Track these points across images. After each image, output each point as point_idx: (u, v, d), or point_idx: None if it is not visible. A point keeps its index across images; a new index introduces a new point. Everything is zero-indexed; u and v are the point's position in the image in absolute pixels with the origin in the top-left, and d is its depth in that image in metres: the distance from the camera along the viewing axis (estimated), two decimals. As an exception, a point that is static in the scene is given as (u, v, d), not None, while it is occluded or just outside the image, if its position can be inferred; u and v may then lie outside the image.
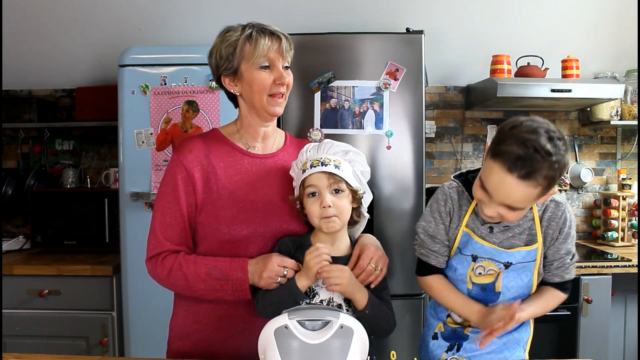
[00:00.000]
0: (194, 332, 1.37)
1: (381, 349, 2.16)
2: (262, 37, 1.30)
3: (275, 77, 1.32)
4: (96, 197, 2.62)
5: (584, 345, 2.39)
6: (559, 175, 1.11)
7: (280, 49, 1.32)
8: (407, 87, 2.24)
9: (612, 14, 2.76)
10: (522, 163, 1.07)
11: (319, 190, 1.26)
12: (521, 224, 1.26)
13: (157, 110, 2.33)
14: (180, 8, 2.74)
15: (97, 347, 2.40)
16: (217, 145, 1.39)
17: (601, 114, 2.83)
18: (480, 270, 1.27)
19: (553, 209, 1.26)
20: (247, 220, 1.32)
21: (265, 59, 1.31)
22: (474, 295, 1.29)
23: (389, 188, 2.24)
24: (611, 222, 2.84)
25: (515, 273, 1.26)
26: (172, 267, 1.29)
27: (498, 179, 1.11)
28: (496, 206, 1.15)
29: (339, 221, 1.27)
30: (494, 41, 2.78)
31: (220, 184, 1.34)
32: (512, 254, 1.25)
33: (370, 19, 2.71)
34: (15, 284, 2.39)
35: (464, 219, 1.28)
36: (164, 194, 1.34)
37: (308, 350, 0.97)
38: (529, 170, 1.07)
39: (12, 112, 2.85)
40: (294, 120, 2.26)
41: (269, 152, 1.43)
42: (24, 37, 2.82)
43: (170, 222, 1.32)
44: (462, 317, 1.32)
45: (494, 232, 1.26)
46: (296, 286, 1.23)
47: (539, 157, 1.06)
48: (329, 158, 1.28)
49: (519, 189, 1.09)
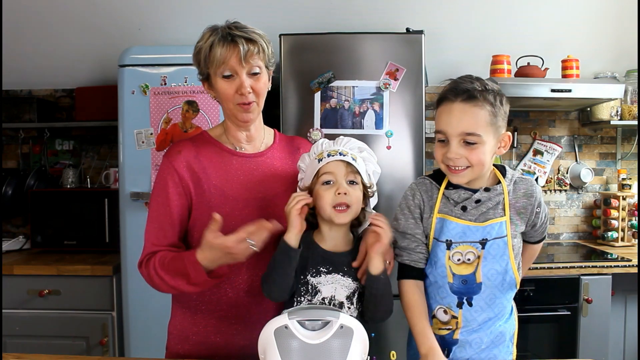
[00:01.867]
0: (192, 335, 1.37)
1: (381, 349, 2.17)
2: (219, 45, 1.28)
3: (236, 86, 1.30)
4: (96, 197, 2.62)
5: (584, 345, 2.39)
6: (501, 102, 1.23)
7: (239, 57, 1.27)
8: (407, 87, 2.24)
9: (612, 14, 2.76)
10: (460, 88, 1.22)
11: (335, 178, 1.26)
12: (492, 197, 1.29)
13: (157, 110, 2.33)
14: (180, 8, 2.74)
15: (97, 347, 2.40)
16: (206, 146, 1.39)
17: (601, 114, 2.83)
18: (457, 256, 1.28)
19: (525, 184, 1.32)
20: (241, 218, 1.32)
21: (226, 68, 1.29)
22: (456, 289, 1.29)
23: (389, 188, 2.24)
24: (611, 222, 2.84)
25: (493, 259, 1.27)
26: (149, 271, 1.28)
27: (447, 113, 1.23)
28: (457, 146, 1.22)
29: (349, 214, 1.26)
30: (494, 41, 2.78)
31: (211, 183, 1.34)
32: (485, 228, 1.27)
33: (370, 19, 2.71)
34: (15, 284, 2.39)
35: (435, 206, 1.31)
36: (155, 197, 1.34)
37: (308, 350, 0.98)
38: (469, 92, 1.21)
39: (12, 112, 2.85)
40: (294, 120, 2.26)
41: (257, 151, 1.43)
42: (24, 37, 2.82)
43: (161, 225, 1.32)
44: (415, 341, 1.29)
45: (468, 210, 1.28)
46: (285, 244, 1.21)
47: (472, 80, 1.24)
48: (346, 150, 1.29)
49: (467, 112, 1.21)
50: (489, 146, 1.24)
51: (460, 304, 1.30)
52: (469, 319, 1.30)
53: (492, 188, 1.30)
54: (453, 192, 1.31)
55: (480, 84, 1.23)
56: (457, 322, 1.30)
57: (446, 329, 1.32)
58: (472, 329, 1.30)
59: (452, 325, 1.31)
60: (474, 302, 1.29)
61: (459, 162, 1.23)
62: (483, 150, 1.23)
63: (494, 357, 1.31)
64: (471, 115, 1.21)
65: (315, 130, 2.25)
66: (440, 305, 1.33)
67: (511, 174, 1.34)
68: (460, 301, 1.30)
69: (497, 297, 1.29)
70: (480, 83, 1.23)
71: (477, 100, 1.21)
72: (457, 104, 1.22)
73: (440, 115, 1.26)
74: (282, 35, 2.25)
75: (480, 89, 1.22)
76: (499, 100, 1.23)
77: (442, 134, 1.25)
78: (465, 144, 1.22)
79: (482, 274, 1.27)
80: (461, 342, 1.30)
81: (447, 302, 1.31)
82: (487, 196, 1.29)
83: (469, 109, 1.21)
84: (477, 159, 1.23)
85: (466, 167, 1.24)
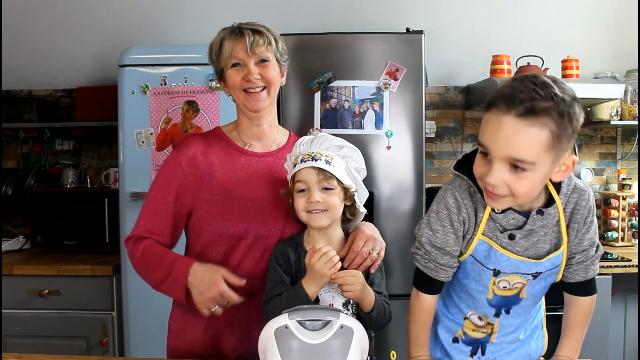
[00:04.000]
0: (191, 331, 1.38)
1: (381, 349, 2.17)
2: (228, 39, 1.33)
3: (244, 73, 1.33)
4: (96, 197, 2.62)
5: (584, 345, 2.37)
6: (570, 119, 0.93)
7: (245, 46, 1.31)
8: (407, 87, 2.24)
9: (612, 14, 2.77)
10: (519, 98, 0.92)
11: (308, 186, 1.24)
12: (545, 224, 1.08)
13: (157, 110, 2.33)
14: (180, 8, 2.74)
15: (97, 347, 2.40)
16: (216, 142, 1.40)
17: (601, 114, 2.83)
18: (504, 284, 1.14)
19: (577, 199, 1.09)
20: (240, 217, 1.33)
21: (234, 59, 1.33)
22: (495, 303, 1.17)
23: (388, 188, 2.24)
24: (611, 222, 2.84)
25: (541, 281, 1.16)
26: (136, 251, 1.32)
27: (495, 125, 0.95)
28: (500, 169, 0.96)
29: (327, 216, 1.24)
30: (494, 41, 2.78)
31: (215, 180, 1.34)
32: (541, 263, 1.10)
33: (370, 19, 2.71)
34: (15, 284, 2.39)
35: (480, 226, 1.11)
36: (156, 186, 1.37)
37: (308, 350, 0.97)
38: (529, 105, 0.91)
39: (12, 112, 2.84)
40: (294, 120, 2.26)
41: (267, 150, 1.42)
42: (24, 37, 2.82)
43: (156, 212, 1.35)
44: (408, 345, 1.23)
45: (516, 240, 1.08)
46: (306, 294, 1.18)
47: (537, 87, 0.92)
48: (320, 153, 1.23)
49: (520, 131, 0.92)
50: (541, 173, 0.97)
51: (497, 314, 1.20)
52: (505, 325, 1.22)
53: (545, 212, 1.08)
54: (501, 216, 1.09)
55: (546, 92, 0.92)
56: (493, 328, 1.22)
57: (481, 332, 1.23)
58: (508, 332, 1.23)
59: (487, 330, 1.23)
60: (512, 310, 1.19)
61: (499, 190, 0.98)
62: (533, 179, 0.97)
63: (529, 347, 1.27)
64: (526, 138, 0.93)
65: (315, 130, 2.24)
66: (475, 312, 1.22)
67: (567, 185, 1.09)
68: (498, 312, 1.20)
69: (535, 303, 1.23)
70: (546, 91, 0.92)
71: (537, 117, 0.92)
72: (509, 118, 0.93)
73: (486, 125, 0.98)
74: (282, 35, 2.24)
75: (545, 102, 0.92)
76: (567, 115, 0.93)
77: (484, 152, 0.99)
78: (512, 167, 0.96)
79: (526, 292, 1.16)
80: (497, 343, 1.25)
81: (482, 312, 1.21)
82: (540, 223, 1.08)
83: (524, 128, 0.92)
84: (524, 190, 0.98)
85: (507, 195, 1.00)
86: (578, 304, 1.20)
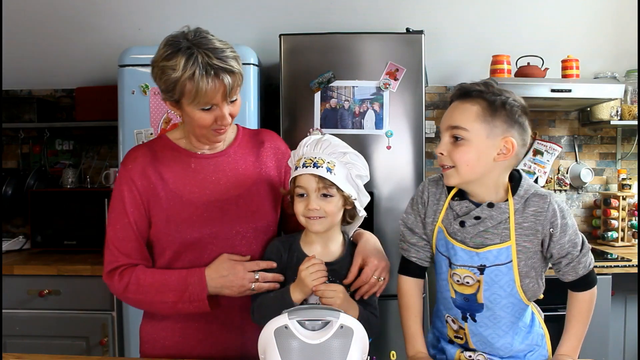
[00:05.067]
0: (163, 338, 1.35)
1: (381, 349, 2.17)
2: (204, 80, 1.18)
3: (216, 117, 1.25)
4: (96, 197, 2.62)
5: (584, 345, 2.36)
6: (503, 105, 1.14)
7: (225, 93, 1.21)
8: (407, 87, 2.24)
9: (612, 14, 2.76)
10: (464, 87, 1.19)
11: (307, 192, 1.23)
12: (493, 216, 1.17)
13: (157, 110, 2.33)
14: (181, 8, 2.74)
15: (97, 347, 2.40)
16: (164, 150, 1.34)
17: (601, 114, 2.83)
18: (457, 277, 1.21)
19: (537, 202, 1.17)
20: (200, 223, 1.29)
21: (207, 104, 1.22)
22: (459, 304, 1.24)
23: (388, 188, 2.24)
24: (611, 222, 2.84)
25: (495, 284, 1.19)
26: (129, 281, 1.26)
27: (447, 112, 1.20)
28: (444, 141, 1.17)
29: (325, 223, 1.24)
30: (494, 41, 2.78)
31: (169, 189, 1.30)
32: (483, 254, 1.18)
33: (370, 19, 2.71)
34: (15, 284, 2.39)
35: (440, 214, 1.24)
36: (113, 207, 1.31)
37: (308, 350, 0.97)
38: (466, 91, 1.17)
39: (12, 112, 2.84)
40: (294, 120, 2.26)
41: (218, 150, 1.37)
42: (24, 37, 2.82)
43: (122, 235, 1.29)
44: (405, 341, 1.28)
45: (465, 227, 1.19)
46: (290, 299, 1.20)
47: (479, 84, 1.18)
48: (322, 159, 1.22)
49: (458, 107, 1.17)
50: (478, 146, 1.14)
51: (464, 317, 1.24)
52: (476, 333, 1.24)
53: (496, 205, 1.17)
54: (456, 204, 1.22)
55: (485, 87, 1.16)
56: (466, 334, 1.26)
57: (459, 338, 1.28)
58: (481, 341, 1.25)
59: (462, 335, 1.27)
60: (478, 319, 1.22)
61: (444, 159, 1.17)
62: (468, 149, 1.14)
63: None
64: (462, 110, 1.16)
65: (315, 130, 2.24)
66: (449, 314, 1.28)
67: (525, 190, 1.19)
68: (464, 315, 1.24)
69: (503, 317, 1.22)
70: (485, 86, 1.17)
71: (471, 97, 1.16)
72: (455, 103, 1.19)
73: None
74: (282, 35, 2.25)
75: (481, 89, 1.16)
76: (501, 101, 1.14)
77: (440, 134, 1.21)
78: (453, 139, 1.16)
79: (483, 297, 1.20)
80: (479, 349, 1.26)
81: (452, 314, 1.27)
82: (488, 214, 1.17)
83: (461, 104, 1.17)
84: (463, 159, 1.14)
85: (450, 167, 1.17)
86: (576, 298, 1.24)
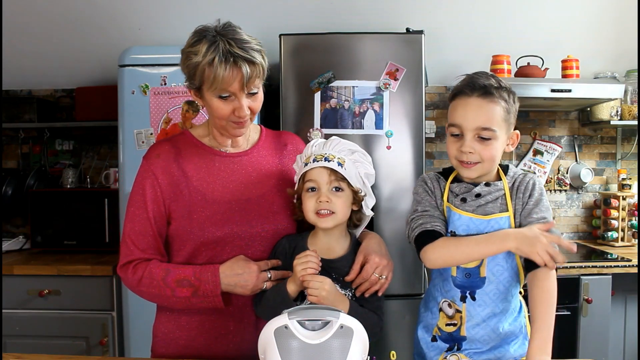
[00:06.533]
0: (178, 338, 1.35)
1: (381, 349, 2.17)
2: (222, 66, 1.19)
3: (234, 107, 1.25)
4: (96, 197, 2.62)
5: (584, 345, 2.39)
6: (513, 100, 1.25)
7: (242, 82, 1.21)
8: (407, 87, 2.24)
9: (612, 14, 2.76)
10: (478, 84, 1.24)
11: (318, 186, 1.24)
12: (492, 192, 1.28)
13: (157, 110, 2.33)
14: (181, 8, 2.74)
15: (97, 347, 2.40)
16: (187, 147, 1.35)
17: (601, 114, 2.83)
18: None
19: (521, 178, 1.30)
20: (223, 221, 1.29)
21: (225, 91, 1.22)
22: (459, 282, 1.28)
23: (388, 188, 2.24)
24: (611, 222, 2.84)
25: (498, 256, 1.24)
26: (143, 275, 1.27)
27: (463, 107, 1.24)
28: (471, 140, 1.22)
29: (334, 219, 1.25)
30: (494, 41, 2.78)
31: (192, 186, 1.30)
32: (489, 222, 1.25)
33: (370, 19, 2.71)
34: (15, 284, 2.39)
35: (443, 195, 1.31)
36: (133, 201, 1.31)
37: (308, 350, 0.97)
38: (486, 87, 1.23)
39: (12, 112, 2.85)
40: (294, 120, 2.26)
41: (241, 150, 1.39)
42: (24, 37, 2.82)
43: (139, 229, 1.29)
44: (497, 250, 1.21)
45: (467, 202, 1.28)
46: (286, 291, 1.22)
47: (489, 77, 1.26)
48: (333, 155, 1.25)
49: (483, 107, 1.22)
50: (501, 142, 1.25)
51: (463, 297, 1.28)
52: (473, 314, 1.28)
53: (492, 183, 1.29)
54: (455, 186, 1.31)
55: (496, 80, 1.25)
56: (462, 317, 1.29)
57: (452, 325, 1.31)
58: (476, 324, 1.28)
59: (457, 320, 1.30)
60: (477, 297, 1.27)
61: (472, 157, 1.24)
62: (496, 146, 1.24)
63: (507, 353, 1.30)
64: (487, 111, 1.22)
65: (315, 130, 2.25)
66: (445, 298, 1.32)
67: (514, 171, 1.33)
68: (463, 295, 1.28)
69: (501, 292, 1.28)
70: (495, 80, 1.25)
71: (494, 96, 1.22)
72: (473, 98, 1.23)
73: (455, 108, 1.27)
74: (282, 35, 2.25)
75: (496, 85, 1.24)
76: (512, 97, 1.26)
77: (456, 127, 1.25)
78: (480, 139, 1.23)
79: (487, 269, 1.26)
80: (469, 338, 1.30)
81: (450, 296, 1.30)
82: (487, 190, 1.28)
83: (486, 104, 1.22)
84: (490, 155, 1.24)
85: (477, 163, 1.25)
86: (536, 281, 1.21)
